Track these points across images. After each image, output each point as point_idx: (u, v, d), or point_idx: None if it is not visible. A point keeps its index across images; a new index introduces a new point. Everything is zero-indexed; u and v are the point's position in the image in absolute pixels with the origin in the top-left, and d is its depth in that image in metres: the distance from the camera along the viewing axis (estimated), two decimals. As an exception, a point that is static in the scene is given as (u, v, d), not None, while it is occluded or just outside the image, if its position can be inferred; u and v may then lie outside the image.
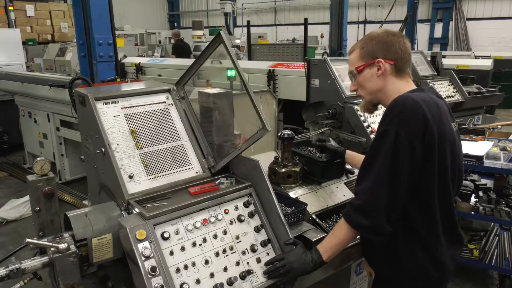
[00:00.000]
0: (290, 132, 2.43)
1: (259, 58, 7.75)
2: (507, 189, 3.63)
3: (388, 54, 1.70)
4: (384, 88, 1.74)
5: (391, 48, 1.70)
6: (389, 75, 1.72)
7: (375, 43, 1.72)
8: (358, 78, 1.79)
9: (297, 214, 2.06)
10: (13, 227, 4.82)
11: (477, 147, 3.43)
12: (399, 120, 1.53)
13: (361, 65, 1.75)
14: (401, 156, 1.52)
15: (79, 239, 1.74)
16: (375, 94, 1.77)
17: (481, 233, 3.62)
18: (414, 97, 1.57)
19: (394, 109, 1.56)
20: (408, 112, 1.52)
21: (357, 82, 1.81)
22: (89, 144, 2.16)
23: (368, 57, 1.74)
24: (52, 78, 5.93)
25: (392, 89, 1.72)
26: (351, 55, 1.82)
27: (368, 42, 1.75)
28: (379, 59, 1.70)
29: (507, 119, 9.01)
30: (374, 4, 17.86)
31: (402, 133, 1.51)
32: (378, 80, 1.73)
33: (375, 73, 1.73)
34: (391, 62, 1.70)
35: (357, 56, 1.77)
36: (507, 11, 15.11)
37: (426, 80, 5.38)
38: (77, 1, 4.29)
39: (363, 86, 1.79)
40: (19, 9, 11.67)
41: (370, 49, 1.73)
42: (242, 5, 20.61)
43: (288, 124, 5.28)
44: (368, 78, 1.75)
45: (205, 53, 2.15)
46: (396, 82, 1.72)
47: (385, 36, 1.72)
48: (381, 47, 1.71)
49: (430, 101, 1.59)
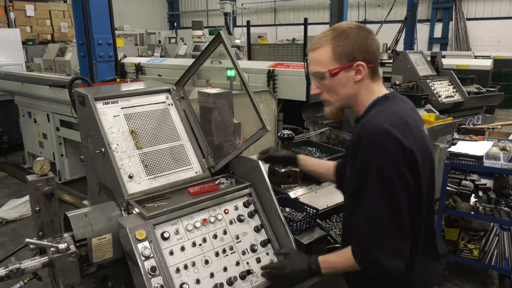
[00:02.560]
0: (290, 132, 2.44)
1: (259, 58, 7.74)
2: (507, 189, 3.63)
3: (367, 56, 1.49)
4: (358, 93, 1.54)
5: (370, 49, 1.49)
6: (365, 79, 1.52)
7: (353, 43, 1.48)
8: (329, 82, 1.53)
9: (309, 220, 2.04)
10: (13, 227, 4.82)
11: (477, 147, 3.43)
12: (374, 153, 1.38)
13: (336, 68, 1.49)
14: (393, 187, 1.37)
15: (79, 239, 1.74)
16: (348, 100, 1.56)
17: (481, 233, 3.62)
18: (379, 122, 1.40)
19: (363, 142, 1.41)
20: (379, 142, 1.37)
21: (327, 86, 1.55)
22: (89, 144, 2.16)
23: (344, 58, 1.48)
24: (52, 78, 5.92)
25: (365, 94, 1.54)
26: (316, 52, 1.54)
27: (342, 40, 1.48)
28: (359, 62, 1.48)
29: (506, 119, 9.01)
30: (374, 4, 17.85)
31: (383, 164, 1.36)
32: (353, 85, 1.52)
33: (352, 78, 1.50)
34: (370, 65, 1.50)
35: (329, 55, 1.50)
36: (507, 11, 15.10)
37: (426, 81, 5.39)
38: (77, 1, 4.29)
39: (335, 91, 1.55)
40: (19, 9, 11.66)
41: (348, 49, 1.48)
42: (242, 5, 20.61)
43: (288, 124, 5.29)
44: (343, 82, 1.51)
45: (205, 53, 2.15)
46: (370, 86, 1.54)
47: (361, 33, 1.49)
48: (358, 47, 1.48)
49: (396, 118, 1.43)
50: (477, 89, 5.96)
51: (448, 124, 4.43)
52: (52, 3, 13.30)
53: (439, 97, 5.28)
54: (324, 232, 2.07)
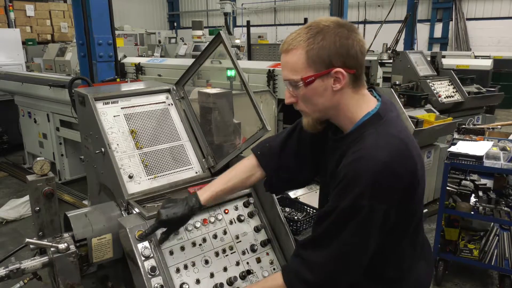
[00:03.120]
0: (290, 132, 2.43)
1: (259, 58, 7.75)
2: (507, 189, 3.63)
3: (348, 61, 1.24)
4: (337, 104, 1.30)
5: (351, 51, 1.24)
6: (346, 87, 1.28)
7: (330, 44, 1.23)
8: (304, 91, 1.29)
9: (309, 220, 2.04)
10: (13, 227, 4.82)
11: (477, 147, 3.43)
12: (375, 195, 1.19)
13: (311, 76, 1.26)
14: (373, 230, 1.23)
15: (79, 239, 1.74)
16: (326, 111, 1.33)
17: (481, 233, 3.62)
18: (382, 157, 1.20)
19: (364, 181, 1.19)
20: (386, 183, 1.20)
21: (302, 96, 1.31)
22: (89, 144, 2.16)
23: (320, 64, 1.24)
24: (52, 78, 5.92)
25: (348, 105, 1.31)
26: (289, 56, 1.30)
27: (318, 41, 1.24)
28: (337, 69, 1.24)
29: (507, 119, 9.01)
30: (374, 4, 17.85)
31: (378, 207, 1.20)
32: (332, 95, 1.28)
33: (330, 87, 1.26)
34: (351, 71, 1.25)
35: (302, 60, 1.26)
36: (507, 11, 15.10)
37: (426, 81, 5.40)
38: (77, 1, 4.29)
39: (311, 102, 1.31)
40: (19, 9, 11.66)
41: (324, 53, 1.23)
42: (242, 5, 20.61)
43: (288, 124, 5.28)
44: (319, 92, 1.28)
45: (205, 53, 2.15)
46: (352, 97, 1.30)
47: (340, 32, 1.24)
48: (338, 50, 1.23)
49: (399, 147, 1.24)
50: (477, 89, 5.96)
51: (448, 124, 4.44)
52: (52, 3, 13.30)
53: (439, 97, 5.28)
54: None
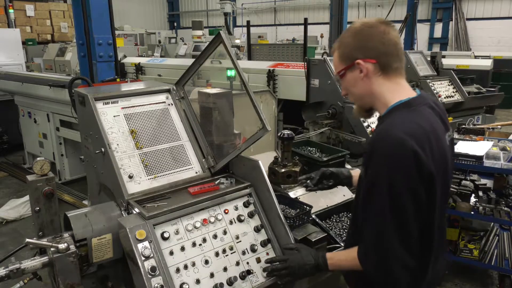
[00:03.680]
0: (290, 132, 2.43)
1: (259, 58, 7.75)
2: (507, 189, 3.63)
3: (367, 52, 1.46)
4: (371, 92, 1.51)
5: (369, 43, 1.45)
6: (374, 76, 1.47)
7: (351, 40, 1.49)
8: (343, 83, 1.58)
9: (302, 216, 2.05)
10: (13, 227, 4.82)
11: (477, 147, 3.43)
12: (388, 167, 1.33)
13: (342, 69, 1.54)
14: (403, 204, 1.33)
15: (79, 239, 1.74)
16: (364, 99, 1.56)
17: (481, 233, 3.62)
18: (397, 132, 1.34)
19: (378, 152, 1.37)
20: (395, 155, 1.32)
21: (343, 87, 1.60)
22: (89, 144, 2.16)
23: (346, 59, 1.51)
24: (52, 78, 5.92)
25: (381, 93, 1.49)
26: (333, 56, 1.61)
27: (344, 39, 1.53)
28: (357, 61, 1.47)
29: (507, 119, 9.00)
30: (374, 4, 17.86)
31: (396, 180, 1.32)
32: (363, 84, 1.50)
33: (358, 76, 1.50)
34: (372, 60, 1.46)
35: (337, 58, 1.56)
36: (507, 11, 15.10)
37: (426, 81, 5.39)
38: (77, 1, 4.29)
39: (350, 91, 1.58)
40: (19, 9, 11.67)
41: (347, 50, 1.51)
42: (242, 5, 20.61)
43: (288, 124, 5.28)
44: (352, 82, 1.53)
45: (205, 53, 2.15)
46: (384, 84, 1.48)
47: (360, 29, 1.48)
48: (357, 44, 1.48)
49: (416, 129, 1.36)
50: (477, 89, 5.95)
51: (448, 124, 4.43)
52: (52, 3, 13.31)
53: (439, 97, 5.27)
54: (316, 228, 2.08)
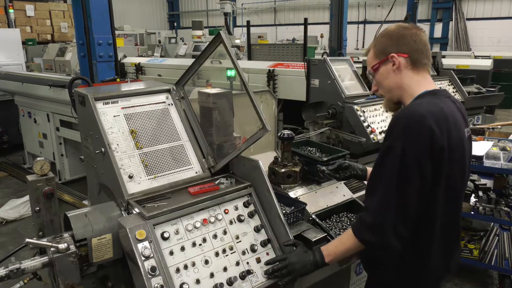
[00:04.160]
0: (290, 132, 2.43)
1: (259, 58, 7.75)
2: (507, 189, 3.63)
3: (400, 47, 1.67)
4: (401, 84, 1.70)
5: (403, 40, 1.66)
6: (404, 69, 1.68)
7: (386, 39, 1.70)
8: (376, 77, 1.76)
9: (297, 213, 2.06)
10: (13, 227, 4.82)
11: (477, 147, 3.43)
12: (405, 136, 1.50)
13: (376, 63, 1.73)
14: (409, 173, 1.49)
15: (79, 239, 1.74)
16: (393, 91, 1.73)
17: (481, 233, 3.62)
18: (419, 109, 1.54)
19: (399, 124, 1.54)
20: (414, 127, 1.50)
21: (376, 82, 1.78)
22: (89, 144, 2.16)
23: (381, 54, 1.71)
24: (52, 78, 5.93)
25: (409, 85, 1.68)
26: (368, 56, 1.80)
27: (379, 39, 1.74)
28: (392, 54, 1.67)
29: (507, 119, 9.00)
30: (374, 4, 17.86)
31: (408, 149, 1.49)
32: (394, 76, 1.70)
33: (391, 69, 1.69)
34: (404, 55, 1.66)
35: (372, 55, 1.76)
36: (507, 11, 15.11)
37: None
38: (77, 1, 4.29)
39: (381, 84, 1.76)
40: (19, 9, 11.67)
41: (382, 45, 1.71)
42: (242, 5, 20.62)
43: (288, 124, 5.29)
44: (384, 75, 1.72)
45: (205, 53, 2.15)
46: (412, 77, 1.68)
47: (396, 30, 1.70)
48: (392, 41, 1.68)
49: (438, 111, 1.54)
50: (477, 89, 5.95)
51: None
52: (52, 3, 13.30)
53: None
54: (311, 225, 2.08)
